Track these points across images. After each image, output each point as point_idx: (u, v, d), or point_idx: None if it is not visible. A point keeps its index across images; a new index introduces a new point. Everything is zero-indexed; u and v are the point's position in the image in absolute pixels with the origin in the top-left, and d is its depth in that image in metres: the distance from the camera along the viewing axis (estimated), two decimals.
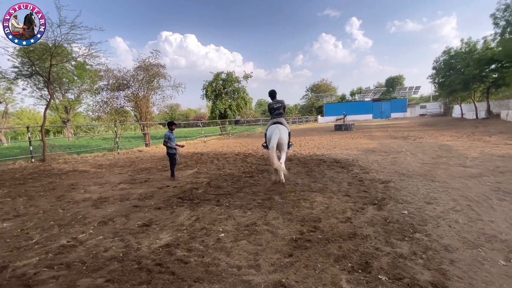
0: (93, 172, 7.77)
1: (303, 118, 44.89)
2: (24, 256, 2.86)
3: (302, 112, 55.23)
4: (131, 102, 15.77)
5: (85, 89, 26.16)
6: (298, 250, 2.69)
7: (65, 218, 4.02)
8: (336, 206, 3.91)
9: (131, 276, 2.36)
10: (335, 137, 15.11)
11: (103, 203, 4.66)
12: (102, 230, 3.47)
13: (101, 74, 15.15)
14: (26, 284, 2.32)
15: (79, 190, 5.74)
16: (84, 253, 2.85)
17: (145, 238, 3.16)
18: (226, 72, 23.58)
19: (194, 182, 5.92)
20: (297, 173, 6.19)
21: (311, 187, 4.94)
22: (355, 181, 5.24)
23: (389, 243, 2.75)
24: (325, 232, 3.06)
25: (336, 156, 8.24)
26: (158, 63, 15.34)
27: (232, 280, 2.25)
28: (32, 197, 5.30)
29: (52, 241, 3.21)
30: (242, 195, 4.70)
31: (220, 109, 22.80)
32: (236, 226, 3.38)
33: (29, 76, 14.55)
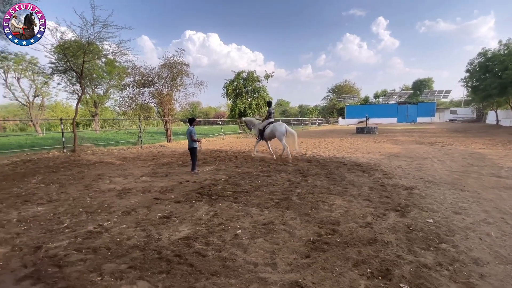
0: (118, 164, 8.15)
1: (323, 119, 44.09)
2: (55, 238, 3.07)
3: (322, 113, 54.28)
4: (155, 99, 16.32)
5: (113, 85, 27.48)
6: (315, 252, 2.65)
7: (92, 206, 4.25)
8: (356, 210, 3.81)
9: (152, 265, 2.45)
10: (357, 140, 14.70)
11: (127, 194, 4.87)
12: (126, 220, 3.63)
13: (129, 71, 15.83)
14: (57, 265, 2.49)
15: (105, 180, 6.04)
16: (109, 240, 3.00)
17: (165, 229, 3.27)
18: (247, 71, 23.73)
19: (213, 178, 6.02)
20: (316, 175, 6.10)
21: (330, 190, 4.85)
22: (376, 186, 5.06)
23: (412, 251, 2.64)
24: (344, 236, 2.99)
25: (357, 160, 8.02)
26: (182, 61, 15.74)
27: (248, 276, 2.26)
28: (63, 185, 5.66)
29: (81, 226, 3.41)
30: (260, 193, 4.71)
31: (240, 108, 22.98)
32: (253, 223, 3.39)
33: (64, 72, 15.52)
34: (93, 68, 19.30)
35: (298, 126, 33.48)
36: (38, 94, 27.46)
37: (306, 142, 14.27)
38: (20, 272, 2.38)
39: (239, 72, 23.66)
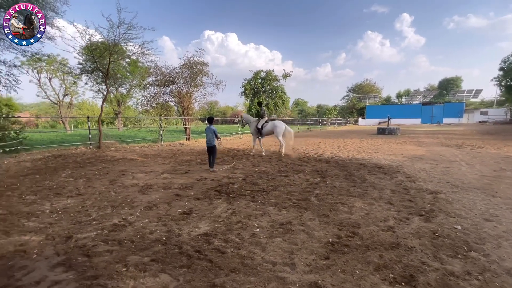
0: (140, 161, 8.46)
1: (342, 119, 43.13)
2: (84, 229, 3.25)
3: (341, 113, 53.11)
4: (175, 98, 16.76)
5: (135, 85, 28.54)
6: (335, 254, 2.61)
7: (117, 200, 4.45)
8: (377, 213, 3.70)
9: (173, 259, 2.53)
10: (378, 141, 14.25)
11: (149, 190, 5.05)
12: (148, 214, 3.77)
13: (151, 71, 16.37)
14: (86, 254, 2.63)
15: (128, 176, 6.30)
16: (132, 233, 3.13)
17: (185, 225, 3.35)
18: (265, 71, 23.72)
19: (231, 177, 6.09)
20: (335, 176, 5.99)
21: (349, 192, 4.74)
22: (399, 189, 4.88)
23: (438, 258, 2.52)
24: (365, 239, 2.92)
25: (378, 161, 7.77)
26: (202, 61, 16.03)
27: (267, 275, 2.27)
28: (90, 179, 5.96)
29: (107, 219, 3.58)
30: (277, 193, 4.71)
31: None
32: (271, 223, 3.40)
33: (91, 72, 16.34)
34: (118, 68, 20.14)
35: (316, 126, 32.98)
36: (67, 93, 29.18)
37: (325, 142, 14.03)
38: (53, 260, 2.54)
39: (257, 71, 23.71)
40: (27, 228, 3.29)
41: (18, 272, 2.33)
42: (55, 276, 2.27)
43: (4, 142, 8.94)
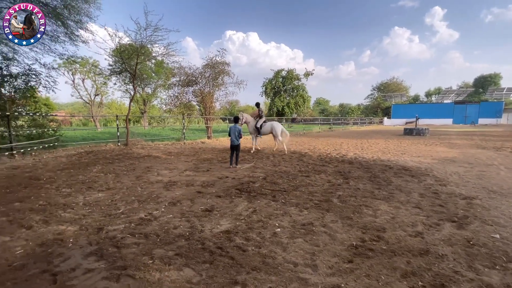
0: (164, 158, 8.76)
1: (366, 119, 41.63)
2: (113, 222, 3.43)
3: (365, 113, 51.31)
4: (197, 97, 17.16)
5: (160, 85, 29.58)
6: (358, 258, 2.53)
7: (143, 195, 4.65)
8: (404, 217, 3.53)
9: (196, 254, 2.59)
10: (404, 142, 13.59)
11: (172, 186, 5.22)
12: (172, 210, 3.90)
13: (175, 71, 16.89)
14: (116, 245, 2.78)
15: (153, 172, 6.56)
16: (158, 227, 3.25)
17: (207, 222, 3.43)
18: (286, 70, 23.53)
19: (251, 176, 6.12)
20: (358, 177, 5.80)
21: (374, 194, 4.57)
22: (428, 193, 4.63)
23: (472, 268, 2.36)
24: (391, 244, 2.80)
25: (405, 163, 7.41)
26: (223, 61, 16.26)
27: (288, 275, 2.26)
28: (118, 175, 6.28)
29: (134, 213, 3.76)
30: (298, 193, 4.65)
31: (278, 106, 22.93)
32: (292, 223, 3.37)
33: (119, 73, 17.18)
34: (144, 69, 21.00)
35: (338, 126, 32.16)
36: (98, 93, 30.95)
37: (347, 143, 13.65)
38: (86, 249, 2.71)
39: (279, 70, 23.59)
40: (64, 219, 3.55)
41: (56, 259, 2.52)
42: (88, 264, 2.42)
43: (43, 138, 9.68)
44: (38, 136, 9.69)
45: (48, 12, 8.54)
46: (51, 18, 8.84)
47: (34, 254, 2.62)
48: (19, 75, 9.18)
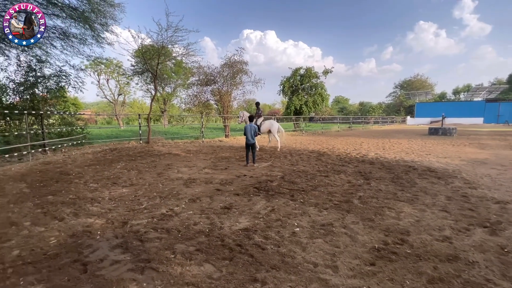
0: (184, 156, 8.98)
1: (387, 118, 40.15)
2: (137, 217, 3.57)
3: (387, 111, 49.52)
4: (215, 96, 17.40)
5: (179, 84, 30.31)
6: (381, 261, 2.45)
7: (164, 191, 4.79)
8: (430, 221, 3.37)
9: (216, 250, 2.64)
10: (429, 142, 12.97)
11: (192, 183, 5.34)
12: (192, 207, 3.98)
13: (194, 71, 17.23)
14: (139, 239, 2.89)
15: (173, 169, 6.74)
16: (178, 223, 3.34)
17: (226, 219, 3.47)
18: (305, 68, 23.20)
19: (269, 174, 6.11)
20: (380, 178, 5.62)
21: (397, 196, 4.40)
22: (456, 196, 4.38)
23: (507, 277, 2.21)
24: (416, 248, 2.69)
25: (431, 164, 7.07)
26: (241, 60, 16.35)
27: (308, 275, 2.24)
28: (140, 171, 6.52)
29: (156, 209, 3.88)
30: (317, 193, 4.59)
31: (296, 105, 22.67)
32: (311, 223, 3.33)
33: (141, 73, 17.83)
34: (164, 69, 21.62)
35: (358, 125, 31.29)
36: (121, 92, 32.29)
37: (368, 142, 13.25)
38: (113, 241, 2.85)
39: (297, 68, 23.31)
40: (92, 212, 3.74)
41: (85, 250, 2.67)
42: (115, 256, 2.54)
43: (72, 136, 10.27)
44: (68, 133, 10.28)
45: (77, 16, 9.00)
46: (80, 22, 9.33)
47: (66, 244, 2.79)
48: (51, 76, 9.78)
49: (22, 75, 9.09)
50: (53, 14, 8.93)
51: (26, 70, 9.12)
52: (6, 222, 3.39)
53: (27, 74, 9.15)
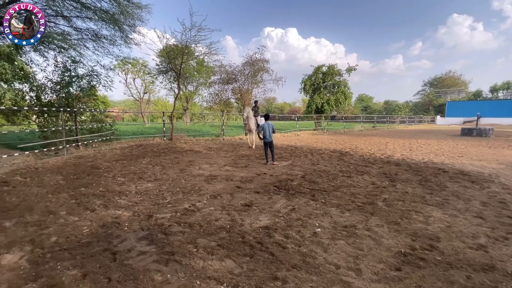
0: (205, 153, 9.17)
1: (415, 117, 38.14)
2: (161, 211, 3.70)
3: (414, 110, 47.08)
4: (236, 95, 17.56)
5: (201, 83, 30.94)
6: (408, 266, 2.35)
7: (187, 187, 4.93)
8: (463, 227, 3.16)
9: (237, 247, 2.67)
10: (462, 144, 12.15)
11: (213, 180, 5.44)
12: (213, 203, 4.06)
13: (216, 69, 17.50)
14: (164, 232, 3.00)
15: (195, 166, 6.91)
16: (200, 218, 3.42)
17: (247, 216, 3.50)
18: (327, 65, 22.66)
19: (289, 173, 6.07)
20: (406, 180, 5.36)
21: (425, 199, 4.18)
22: (493, 201, 4.07)
23: None
24: (446, 255, 2.53)
25: (463, 167, 6.63)
26: (263, 59, 16.35)
27: (330, 276, 2.19)
28: (164, 167, 6.76)
29: (179, 203, 4.01)
30: (339, 194, 4.48)
31: (317, 103, 22.22)
32: (333, 224, 3.26)
33: (166, 72, 18.42)
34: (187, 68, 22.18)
35: (383, 125, 30.07)
36: (146, 91, 33.60)
37: (393, 142, 12.69)
38: (139, 233, 2.98)
39: (319, 66, 22.81)
40: (120, 205, 3.94)
41: (115, 240, 2.82)
42: (141, 247, 2.66)
43: (101, 132, 10.87)
44: (98, 130, 10.90)
45: (108, 18, 9.49)
46: (110, 24, 9.83)
47: (97, 234, 2.96)
48: (84, 76, 10.41)
49: (58, 75, 9.76)
50: (86, 17, 9.50)
51: (62, 70, 9.79)
52: (45, 211, 3.68)
53: (63, 74, 9.82)
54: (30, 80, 9.89)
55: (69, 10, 9.31)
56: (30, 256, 2.51)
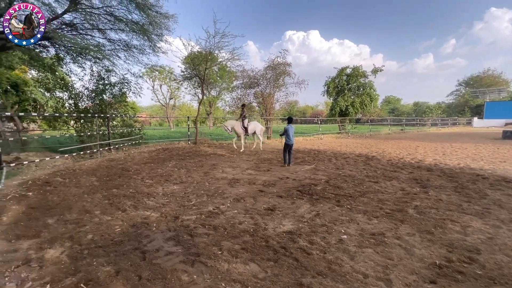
0: (228, 157, 9.30)
1: (448, 119, 35.70)
2: (187, 213, 3.81)
3: (448, 112, 44.11)
4: (258, 99, 17.65)
5: (224, 88, 31.62)
6: (444, 279, 2.19)
7: (211, 190, 5.03)
8: (507, 239, 2.89)
9: (261, 251, 2.67)
10: (504, 148, 11.15)
11: (236, 184, 5.50)
12: (236, 206, 4.10)
13: (238, 74, 17.76)
14: (189, 233, 3.08)
15: (218, 169, 7.03)
16: (224, 221, 3.47)
17: (270, 220, 3.49)
18: (351, 67, 22.04)
19: (312, 178, 5.96)
20: (440, 187, 5.03)
21: (462, 208, 3.89)
22: None
23: None
24: (488, 269, 2.33)
25: (506, 174, 6.08)
26: (285, 62, 16.30)
27: (357, 285, 2.11)
28: (189, 170, 6.96)
29: (203, 206, 4.10)
30: (366, 200, 4.31)
31: (341, 106, 21.63)
32: (360, 231, 3.14)
33: (190, 78, 19.04)
34: (211, 73, 22.80)
35: (412, 127, 28.51)
36: (172, 97, 35.02)
37: (424, 146, 11.98)
38: (166, 234, 3.09)
39: (343, 68, 22.25)
40: (148, 206, 4.12)
41: (144, 239, 2.95)
42: (168, 248, 2.76)
43: (131, 136, 11.49)
44: (128, 134, 11.53)
45: (138, 29, 10.06)
46: (140, 34, 10.41)
47: (128, 233, 3.12)
48: (116, 84, 11.11)
49: (94, 83, 10.51)
50: (119, 29, 10.14)
51: (97, 79, 10.53)
52: (82, 210, 3.95)
53: (98, 82, 10.56)
54: (69, 89, 10.76)
55: (104, 23, 10.00)
56: (69, 251, 2.71)
